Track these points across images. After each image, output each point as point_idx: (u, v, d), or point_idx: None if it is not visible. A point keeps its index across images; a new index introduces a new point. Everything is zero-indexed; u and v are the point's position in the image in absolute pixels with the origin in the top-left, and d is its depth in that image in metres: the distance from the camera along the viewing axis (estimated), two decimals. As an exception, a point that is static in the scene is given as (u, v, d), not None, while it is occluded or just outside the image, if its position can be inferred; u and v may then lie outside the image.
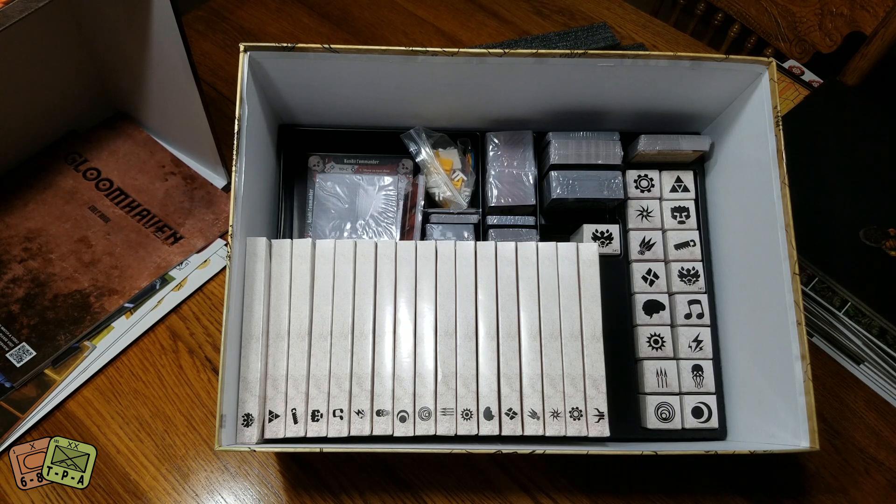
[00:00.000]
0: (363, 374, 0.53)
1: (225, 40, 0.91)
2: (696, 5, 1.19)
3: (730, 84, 0.58)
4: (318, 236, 0.66)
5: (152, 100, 0.75)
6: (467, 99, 0.62)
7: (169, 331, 0.69)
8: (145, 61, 0.68)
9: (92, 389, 0.66)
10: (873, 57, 0.97)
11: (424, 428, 0.52)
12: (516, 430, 0.52)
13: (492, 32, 0.94)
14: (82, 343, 0.67)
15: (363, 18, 0.95)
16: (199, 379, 0.67)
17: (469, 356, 0.53)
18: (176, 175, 0.78)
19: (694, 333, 0.61)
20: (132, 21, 0.64)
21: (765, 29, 1.10)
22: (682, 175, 0.65)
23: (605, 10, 0.97)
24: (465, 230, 0.63)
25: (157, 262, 0.72)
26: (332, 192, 0.67)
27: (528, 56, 0.54)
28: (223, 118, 0.80)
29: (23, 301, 0.68)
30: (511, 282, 0.55)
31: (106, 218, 0.74)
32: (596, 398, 0.53)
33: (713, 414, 0.59)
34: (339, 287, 0.54)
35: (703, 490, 0.63)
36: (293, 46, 0.54)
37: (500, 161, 0.64)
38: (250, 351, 0.52)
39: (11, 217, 0.73)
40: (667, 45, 0.93)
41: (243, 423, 0.51)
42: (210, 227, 0.75)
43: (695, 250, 0.63)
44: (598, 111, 0.63)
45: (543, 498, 0.62)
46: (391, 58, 0.54)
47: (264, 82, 0.58)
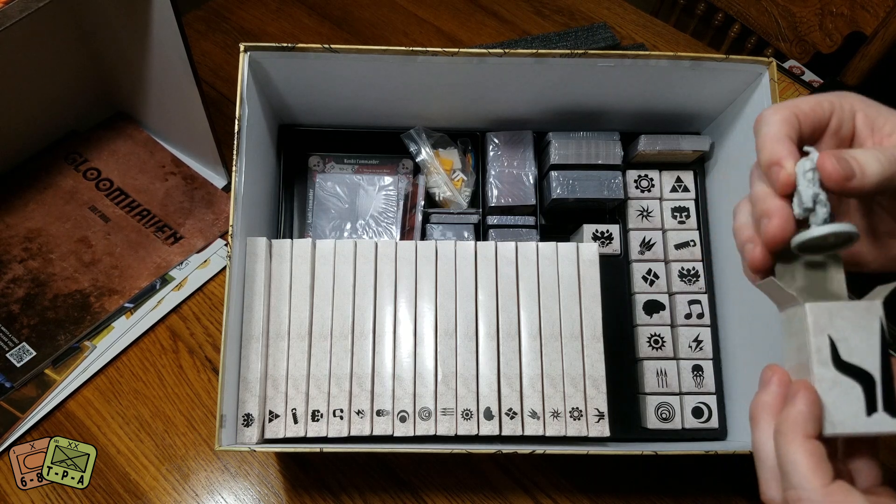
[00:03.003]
0: (363, 374, 0.53)
1: (225, 40, 0.91)
2: (696, 5, 1.19)
3: (730, 84, 0.58)
4: (318, 236, 0.66)
5: (152, 100, 0.75)
6: (467, 99, 0.62)
7: (169, 331, 0.69)
8: (145, 61, 0.68)
9: (92, 389, 0.66)
10: (873, 57, 0.97)
11: (424, 428, 0.52)
12: (516, 430, 0.52)
13: (492, 32, 0.94)
14: (82, 343, 0.67)
15: (363, 18, 0.95)
16: (199, 379, 0.67)
17: (469, 356, 0.53)
18: (176, 175, 0.78)
19: (694, 333, 0.61)
20: (132, 21, 0.64)
21: (765, 29, 1.10)
22: (682, 175, 0.65)
23: (605, 10, 0.97)
24: (465, 230, 0.63)
25: (157, 262, 0.72)
26: (332, 192, 0.67)
27: (528, 56, 0.54)
28: (223, 118, 0.80)
29: (23, 301, 0.68)
30: (511, 282, 0.55)
31: (106, 218, 0.74)
32: (596, 398, 0.53)
33: (713, 414, 0.59)
34: (339, 287, 0.54)
35: (703, 490, 0.63)
36: (293, 46, 0.54)
37: (500, 161, 0.64)
38: (250, 351, 0.52)
39: (11, 217, 0.73)
40: (667, 45, 0.93)
41: (243, 423, 0.51)
42: (210, 227, 0.75)
43: (695, 250, 0.63)
44: (598, 111, 0.63)
45: (543, 498, 0.62)
46: (391, 58, 0.54)
47: (264, 82, 0.58)
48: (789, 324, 0.33)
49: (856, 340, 0.30)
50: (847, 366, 0.30)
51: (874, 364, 0.30)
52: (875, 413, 0.30)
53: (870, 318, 0.31)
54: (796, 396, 0.30)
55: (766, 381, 0.33)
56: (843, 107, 0.34)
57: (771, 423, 0.31)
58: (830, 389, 0.30)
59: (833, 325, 0.31)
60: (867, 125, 0.34)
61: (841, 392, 0.30)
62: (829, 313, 0.31)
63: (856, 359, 0.30)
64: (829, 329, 0.31)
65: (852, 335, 0.30)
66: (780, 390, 0.32)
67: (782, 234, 0.32)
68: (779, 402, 0.32)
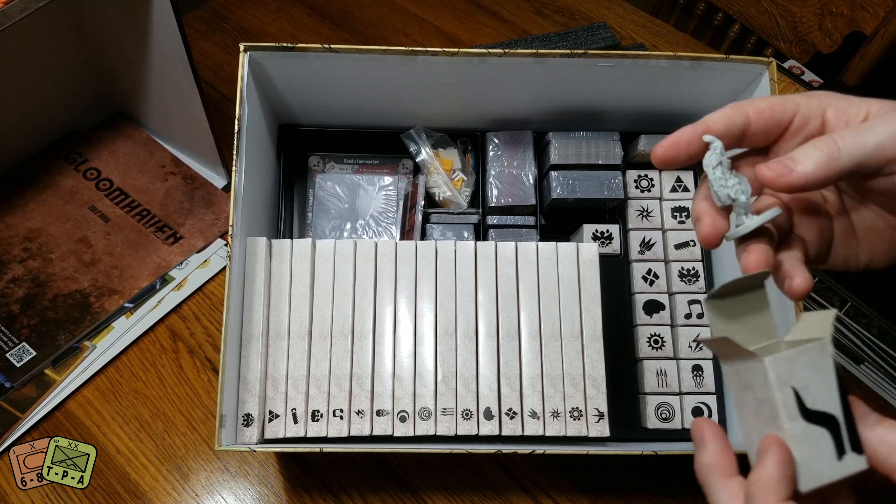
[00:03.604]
0: (363, 373, 0.53)
1: (225, 40, 0.91)
2: (696, 5, 1.19)
3: (730, 84, 0.58)
4: (318, 236, 0.66)
5: (152, 100, 0.75)
6: (467, 99, 0.62)
7: (169, 331, 0.69)
8: (145, 61, 0.68)
9: (92, 389, 0.66)
10: (873, 57, 0.97)
11: (424, 428, 0.52)
12: (516, 430, 0.52)
13: (492, 32, 0.94)
14: (82, 343, 0.67)
15: (363, 18, 0.95)
16: (199, 379, 0.67)
17: (469, 356, 0.53)
18: (176, 175, 0.78)
19: (694, 333, 0.61)
20: (132, 21, 0.64)
21: (765, 29, 1.10)
22: (682, 175, 0.65)
23: (605, 10, 0.97)
24: (465, 230, 0.63)
25: (157, 262, 0.72)
26: (332, 192, 0.67)
27: (528, 56, 0.54)
28: (223, 118, 0.80)
29: (23, 301, 0.68)
30: (511, 282, 0.55)
31: (106, 218, 0.74)
32: (596, 398, 0.53)
33: (713, 414, 0.59)
34: (339, 287, 0.54)
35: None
36: (293, 46, 0.54)
37: (500, 161, 0.64)
38: (250, 351, 0.52)
39: (11, 217, 0.73)
40: (667, 45, 0.93)
41: (243, 423, 0.51)
42: (210, 227, 0.75)
43: (695, 250, 0.63)
44: (598, 111, 0.63)
45: (543, 498, 0.62)
46: (391, 58, 0.54)
47: (264, 82, 0.58)
48: (738, 377, 0.32)
49: (816, 385, 0.29)
50: (813, 414, 0.29)
51: (835, 405, 0.29)
52: (844, 455, 0.29)
53: (824, 358, 0.30)
54: (766, 456, 0.28)
55: (700, 440, 0.32)
56: (809, 105, 0.33)
57: (724, 485, 0.30)
58: (803, 442, 0.29)
59: (794, 375, 0.29)
60: (840, 119, 0.33)
61: (812, 442, 0.29)
62: (789, 363, 0.30)
63: (819, 404, 0.29)
64: (790, 380, 0.29)
65: (812, 380, 0.29)
66: (718, 446, 0.31)
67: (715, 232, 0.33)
68: (724, 458, 0.31)
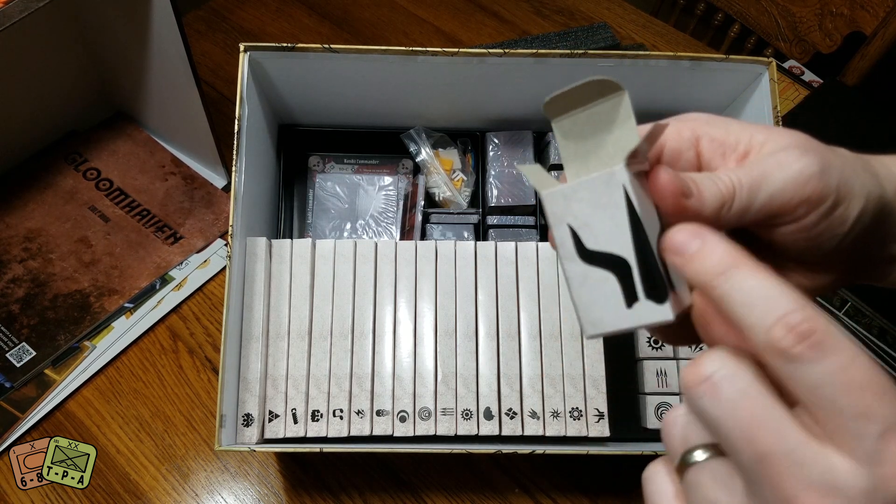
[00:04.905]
0: (363, 373, 0.53)
1: (225, 40, 0.91)
2: (696, 5, 1.19)
3: (730, 84, 0.58)
4: (318, 236, 0.66)
5: (152, 100, 0.75)
6: (467, 99, 0.62)
7: (169, 331, 0.69)
8: (145, 61, 0.68)
9: (92, 389, 0.66)
10: (873, 57, 0.97)
11: (424, 428, 0.52)
12: (516, 430, 0.52)
13: (492, 32, 0.94)
14: (82, 343, 0.67)
15: (363, 18, 0.95)
16: (199, 379, 0.67)
17: (469, 356, 0.53)
18: (176, 175, 0.78)
19: (694, 333, 0.61)
20: (132, 21, 0.64)
21: (765, 29, 1.10)
22: (682, 175, 0.64)
23: (605, 10, 0.97)
24: (465, 230, 0.63)
25: (157, 262, 0.72)
26: (332, 192, 0.67)
27: (528, 56, 0.54)
28: (223, 118, 0.80)
29: (23, 301, 0.68)
30: (511, 282, 0.55)
31: (106, 218, 0.74)
32: (596, 398, 0.53)
33: (713, 414, 0.59)
34: (339, 287, 0.54)
35: (703, 490, 0.63)
36: (293, 46, 0.54)
37: (500, 161, 0.64)
38: (250, 351, 0.52)
39: (11, 217, 0.73)
40: (667, 45, 0.93)
41: (243, 423, 0.51)
42: (210, 227, 0.75)
43: (695, 250, 0.63)
44: (598, 111, 0.63)
45: (543, 498, 0.62)
46: (391, 58, 0.54)
47: (264, 82, 0.58)
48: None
49: (598, 223, 0.25)
50: (594, 255, 0.25)
51: (626, 246, 0.24)
52: (636, 303, 0.24)
53: (611, 193, 0.25)
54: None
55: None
56: (681, 133, 0.28)
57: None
58: (581, 286, 0.25)
59: (570, 211, 0.26)
60: (716, 151, 0.28)
61: (592, 287, 0.25)
62: (564, 198, 0.26)
63: (602, 245, 0.25)
64: (567, 217, 0.26)
65: (593, 218, 0.25)
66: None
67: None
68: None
